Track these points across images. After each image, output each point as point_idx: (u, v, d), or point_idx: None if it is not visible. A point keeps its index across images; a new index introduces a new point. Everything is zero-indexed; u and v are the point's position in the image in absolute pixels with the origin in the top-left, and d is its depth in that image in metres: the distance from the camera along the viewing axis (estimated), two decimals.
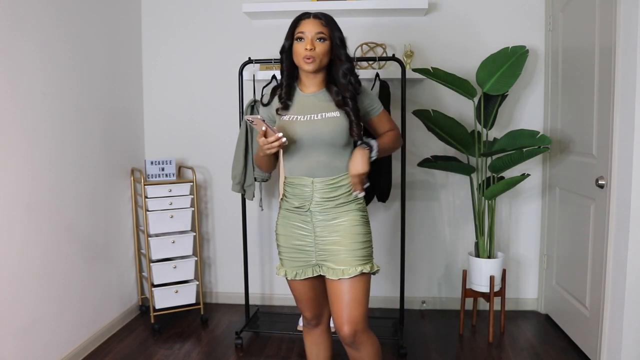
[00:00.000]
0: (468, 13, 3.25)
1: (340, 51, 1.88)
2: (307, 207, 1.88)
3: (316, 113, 1.87)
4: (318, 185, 1.87)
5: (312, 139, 1.85)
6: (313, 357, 2.14)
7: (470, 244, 3.35)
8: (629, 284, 2.25)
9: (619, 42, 2.29)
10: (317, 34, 1.83)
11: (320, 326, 2.10)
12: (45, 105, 2.48)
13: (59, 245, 2.57)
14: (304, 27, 1.84)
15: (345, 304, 1.83)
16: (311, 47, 1.81)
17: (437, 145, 3.25)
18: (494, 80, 2.89)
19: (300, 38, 1.84)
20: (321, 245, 1.88)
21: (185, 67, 3.46)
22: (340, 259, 1.84)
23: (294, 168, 1.91)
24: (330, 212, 1.88)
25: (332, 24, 1.87)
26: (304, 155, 1.88)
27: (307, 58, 1.82)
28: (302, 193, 1.89)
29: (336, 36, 1.87)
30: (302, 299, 2.02)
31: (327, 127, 1.84)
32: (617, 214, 2.34)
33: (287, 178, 1.95)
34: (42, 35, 2.44)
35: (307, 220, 1.90)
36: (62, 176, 2.60)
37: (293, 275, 1.95)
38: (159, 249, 3.13)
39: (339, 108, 1.87)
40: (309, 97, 1.92)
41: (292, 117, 1.89)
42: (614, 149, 2.35)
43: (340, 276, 1.82)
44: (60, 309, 2.58)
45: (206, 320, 3.26)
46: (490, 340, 2.95)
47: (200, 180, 3.52)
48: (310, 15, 1.87)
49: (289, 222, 1.94)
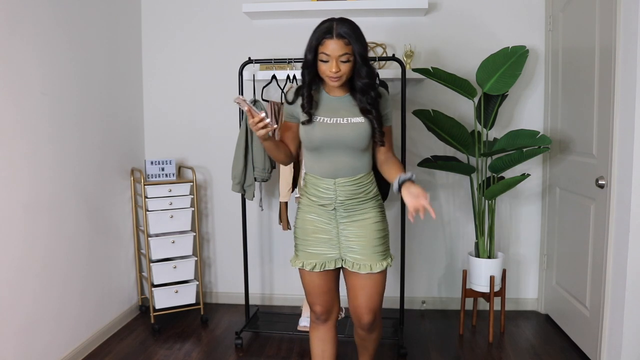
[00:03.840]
0: (468, 13, 3.25)
1: (361, 69, 1.91)
2: (333, 206, 1.98)
3: (342, 117, 1.95)
4: (340, 185, 1.96)
5: (337, 142, 1.94)
6: (319, 354, 2.13)
7: (470, 244, 3.35)
8: (629, 284, 2.26)
9: (619, 42, 2.29)
10: (341, 56, 1.85)
11: (329, 322, 2.11)
12: (45, 106, 2.48)
13: (58, 245, 2.57)
14: (328, 48, 1.85)
15: (369, 295, 2.00)
16: (337, 69, 1.86)
17: (437, 145, 3.25)
18: (494, 80, 2.89)
19: (324, 60, 1.87)
20: (344, 240, 1.99)
21: (185, 67, 3.46)
22: (366, 255, 1.97)
23: (315, 167, 2.00)
24: (353, 210, 1.99)
25: (354, 39, 1.86)
26: (328, 156, 1.97)
27: (333, 79, 1.89)
28: (326, 193, 1.98)
29: (358, 53, 1.87)
30: (316, 292, 2.04)
31: (352, 132, 1.93)
32: (617, 214, 2.34)
33: (307, 174, 2.05)
34: (42, 36, 2.44)
35: (331, 217, 2.00)
36: (61, 176, 2.60)
37: (311, 267, 2.00)
38: (159, 249, 3.13)
39: (363, 115, 1.95)
40: (335, 100, 2.00)
41: (319, 118, 1.96)
42: (614, 149, 2.35)
43: (368, 270, 1.96)
44: (60, 309, 2.58)
45: (206, 320, 3.26)
46: (490, 340, 2.95)
47: (200, 180, 3.52)
48: (333, 34, 1.84)
49: (313, 217, 2.02)
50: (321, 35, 1.86)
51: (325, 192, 1.98)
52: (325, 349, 2.12)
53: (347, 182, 1.97)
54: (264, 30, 3.37)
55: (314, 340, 2.14)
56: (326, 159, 1.97)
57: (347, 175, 1.97)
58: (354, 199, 1.97)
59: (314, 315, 2.11)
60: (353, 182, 1.97)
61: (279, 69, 3.13)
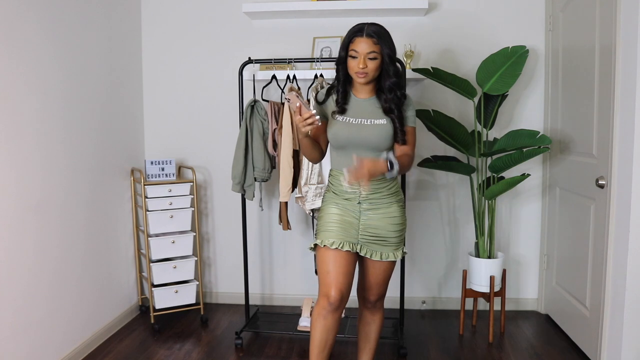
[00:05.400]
0: (468, 13, 3.25)
1: (389, 67, 2.06)
2: (358, 200, 2.12)
3: (366, 118, 2.10)
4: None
5: (360, 141, 2.08)
6: (321, 345, 2.08)
7: (470, 244, 3.35)
8: (629, 284, 2.25)
9: (619, 42, 2.29)
10: (369, 54, 2.01)
11: (339, 311, 2.08)
12: (45, 106, 2.48)
13: (58, 245, 2.57)
14: (357, 45, 2.02)
15: (380, 279, 2.22)
16: (364, 65, 2.01)
17: (437, 145, 3.25)
18: (494, 80, 2.89)
19: (353, 56, 2.03)
20: (363, 229, 2.12)
21: (185, 66, 3.46)
22: (384, 244, 2.14)
23: (341, 164, 2.13)
24: (375, 204, 2.12)
25: (383, 40, 2.03)
26: (352, 154, 2.05)
27: (360, 74, 2.03)
28: (350, 188, 2.11)
29: (385, 53, 2.04)
30: (334, 272, 2.07)
31: (374, 133, 2.07)
32: (617, 214, 2.34)
33: (334, 171, 2.19)
34: (42, 36, 2.44)
35: (355, 209, 2.13)
36: (61, 176, 2.60)
37: (330, 243, 2.07)
38: (158, 249, 3.13)
39: (386, 115, 2.09)
40: (362, 102, 2.15)
41: (345, 118, 2.11)
42: (614, 149, 2.35)
43: (385, 259, 2.14)
44: (59, 309, 2.58)
45: (206, 320, 3.26)
46: (490, 340, 2.95)
47: (200, 180, 3.52)
48: (364, 33, 2.02)
49: (337, 209, 2.14)
50: (352, 34, 2.05)
51: (349, 187, 2.11)
52: (329, 339, 2.09)
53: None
54: (264, 30, 3.37)
55: (318, 329, 2.07)
56: (350, 157, 2.05)
57: None
58: (377, 193, 2.11)
59: (325, 302, 2.05)
60: (377, 179, 2.08)
61: (279, 69, 3.13)
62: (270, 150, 2.98)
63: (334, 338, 2.12)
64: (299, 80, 3.07)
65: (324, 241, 2.09)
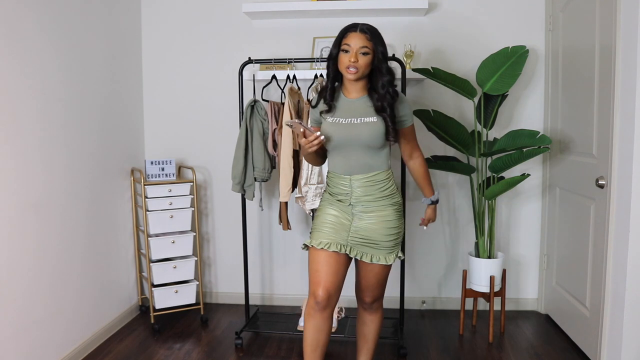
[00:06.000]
0: (468, 13, 3.25)
1: (381, 65, 2.06)
2: (349, 202, 2.12)
3: (356, 117, 2.08)
4: (356, 182, 2.10)
5: (351, 141, 2.07)
6: (313, 344, 2.11)
7: (470, 244, 3.35)
8: (629, 284, 2.25)
9: (619, 42, 2.29)
10: (362, 48, 2.02)
11: (327, 310, 2.10)
12: (45, 106, 2.48)
13: (58, 245, 2.57)
14: (350, 39, 2.03)
15: (373, 282, 2.19)
16: (355, 59, 2.01)
17: (437, 145, 3.25)
18: (494, 80, 2.89)
19: (346, 50, 2.03)
20: (354, 232, 2.11)
21: (185, 66, 3.46)
22: (375, 248, 2.12)
23: (336, 165, 2.15)
24: (368, 205, 2.11)
25: (376, 38, 2.04)
26: (344, 155, 2.10)
27: (351, 69, 2.03)
28: (343, 189, 2.12)
29: (379, 50, 2.04)
30: (322, 271, 2.07)
31: (365, 131, 2.06)
32: (617, 214, 2.34)
33: (329, 172, 2.20)
34: (42, 36, 2.44)
35: (348, 211, 2.13)
36: (61, 176, 2.60)
37: (326, 245, 2.08)
38: (158, 249, 3.13)
39: (377, 113, 2.07)
40: (351, 102, 2.13)
41: (335, 119, 2.11)
42: (614, 149, 2.35)
43: (375, 261, 2.12)
44: (59, 309, 2.58)
45: (206, 320, 3.26)
46: (490, 340, 2.95)
47: (200, 180, 3.52)
48: (357, 28, 2.04)
49: (332, 211, 2.15)
50: (346, 30, 2.06)
51: (342, 188, 2.12)
52: (320, 339, 2.11)
53: (361, 178, 2.09)
54: (264, 30, 3.37)
55: (309, 328, 2.11)
56: (343, 157, 2.11)
57: (362, 172, 2.09)
58: (368, 196, 2.10)
59: (313, 301, 2.08)
60: (367, 179, 2.09)
61: (279, 69, 3.13)
62: (270, 150, 2.98)
63: (327, 337, 2.13)
64: (299, 80, 3.07)
65: (312, 241, 2.11)
